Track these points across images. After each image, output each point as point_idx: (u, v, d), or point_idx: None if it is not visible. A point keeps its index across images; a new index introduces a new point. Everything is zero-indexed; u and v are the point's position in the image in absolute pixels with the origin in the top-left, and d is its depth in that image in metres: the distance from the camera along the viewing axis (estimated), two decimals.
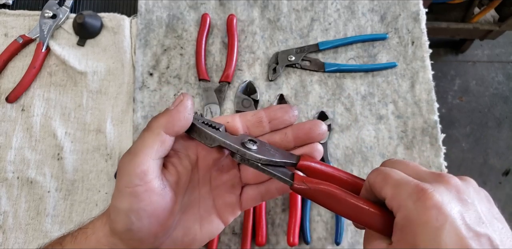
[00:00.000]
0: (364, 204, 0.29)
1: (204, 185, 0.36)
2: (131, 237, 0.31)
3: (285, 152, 0.34)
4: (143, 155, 0.30)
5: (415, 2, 0.65)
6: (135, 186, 0.30)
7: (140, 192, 0.30)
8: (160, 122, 0.31)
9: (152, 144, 0.31)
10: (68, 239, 0.33)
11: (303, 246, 0.55)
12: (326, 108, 0.60)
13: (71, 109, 0.60)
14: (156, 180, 0.31)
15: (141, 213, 0.30)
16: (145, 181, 0.30)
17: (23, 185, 0.57)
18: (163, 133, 0.31)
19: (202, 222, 0.35)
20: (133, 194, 0.30)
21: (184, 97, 0.33)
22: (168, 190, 0.32)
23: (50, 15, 0.62)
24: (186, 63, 0.62)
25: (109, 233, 0.32)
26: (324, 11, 0.65)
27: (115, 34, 0.63)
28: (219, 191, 0.36)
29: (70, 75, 0.61)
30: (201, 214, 0.36)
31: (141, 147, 0.31)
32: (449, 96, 1.67)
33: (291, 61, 0.61)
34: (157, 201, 0.31)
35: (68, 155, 0.58)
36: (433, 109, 0.60)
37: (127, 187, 0.30)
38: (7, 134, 0.59)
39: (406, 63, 0.62)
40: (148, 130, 0.32)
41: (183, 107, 0.32)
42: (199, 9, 0.64)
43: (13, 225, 0.55)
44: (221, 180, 0.36)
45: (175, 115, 0.32)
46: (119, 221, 0.31)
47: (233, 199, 0.36)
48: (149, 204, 0.30)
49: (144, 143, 0.31)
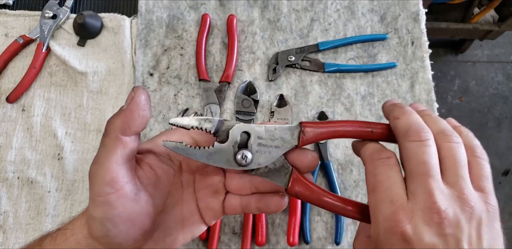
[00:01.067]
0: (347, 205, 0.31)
1: (188, 187, 0.35)
2: (109, 241, 0.31)
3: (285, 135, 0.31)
4: (108, 162, 0.29)
5: (415, 2, 0.65)
6: (106, 194, 0.29)
7: (113, 200, 0.29)
8: (115, 125, 0.30)
9: (113, 149, 0.29)
10: (48, 240, 0.33)
11: (303, 246, 0.55)
12: (326, 108, 0.60)
13: (71, 109, 0.60)
14: (128, 185, 0.30)
15: (116, 220, 0.30)
16: (116, 189, 0.29)
17: (23, 185, 0.57)
18: (120, 136, 0.30)
19: (184, 223, 0.35)
20: (105, 202, 0.29)
21: (136, 92, 0.30)
22: (142, 194, 0.31)
23: (50, 15, 0.62)
24: (186, 63, 0.62)
25: (88, 234, 0.31)
26: (324, 12, 0.65)
27: (115, 34, 0.63)
28: (202, 194, 0.36)
29: (71, 75, 0.61)
30: (184, 215, 0.35)
31: (104, 154, 0.30)
32: (449, 96, 1.67)
33: (291, 61, 0.61)
34: (132, 207, 0.30)
35: (69, 155, 0.58)
36: (432, 109, 0.60)
37: (98, 196, 0.29)
38: (8, 134, 0.59)
39: (406, 63, 0.62)
40: (106, 135, 0.30)
41: (136, 105, 0.30)
42: (199, 9, 0.64)
43: (14, 225, 0.55)
44: (205, 183, 0.35)
45: (129, 115, 0.30)
46: (95, 228, 0.30)
47: (215, 204, 0.35)
48: (123, 210, 0.30)
49: (106, 150, 0.30)
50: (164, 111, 0.60)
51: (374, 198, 0.28)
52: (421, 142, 0.28)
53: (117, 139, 0.29)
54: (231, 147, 0.31)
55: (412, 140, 0.28)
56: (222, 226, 0.55)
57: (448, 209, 0.26)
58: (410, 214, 0.26)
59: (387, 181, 0.28)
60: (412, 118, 0.30)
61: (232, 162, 0.30)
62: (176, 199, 0.35)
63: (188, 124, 0.30)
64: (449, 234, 0.25)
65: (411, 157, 0.28)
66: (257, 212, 0.35)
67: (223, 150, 0.30)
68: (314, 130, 0.31)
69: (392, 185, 0.27)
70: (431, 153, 0.28)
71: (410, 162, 0.28)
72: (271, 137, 0.31)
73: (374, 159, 0.30)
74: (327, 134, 0.32)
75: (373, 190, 0.28)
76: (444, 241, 0.25)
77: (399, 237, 0.25)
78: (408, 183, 0.27)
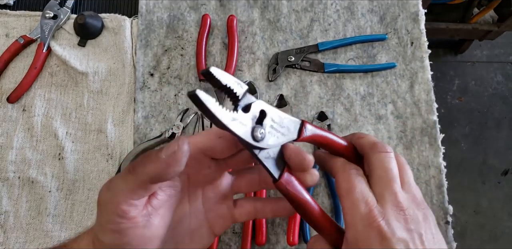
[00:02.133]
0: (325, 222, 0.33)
1: (195, 200, 0.35)
2: None
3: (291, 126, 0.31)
4: (124, 197, 0.29)
5: (414, 3, 0.65)
6: (117, 223, 0.29)
7: (124, 229, 0.29)
8: (147, 170, 0.28)
9: (134, 189, 0.29)
10: None
11: (303, 245, 0.55)
12: (326, 109, 0.61)
13: (72, 109, 0.60)
14: (140, 214, 0.30)
15: (126, 246, 0.30)
16: (127, 219, 0.29)
17: (24, 185, 0.57)
18: (148, 182, 0.29)
19: (192, 236, 0.35)
20: (116, 231, 0.29)
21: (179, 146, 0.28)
22: (153, 218, 0.31)
23: (51, 15, 0.62)
24: (187, 63, 0.62)
25: None
26: (324, 12, 0.65)
27: (116, 34, 0.63)
28: (211, 204, 0.36)
29: (71, 76, 0.61)
30: (192, 228, 0.35)
31: (122, 188, 0.29)
32: (448, 96, 1.68)
33: (291, 62, 0.61)
34: (143, 233, 0.30)
35: (69, 155, 0.58)
36: (432, 109, 0.60)
37: (109, 224, 0.29)
38: (8, 134, 0.59)
39: (405, 63, 0.63)
40: (133, 173, 0.29)
41: (175, 161, 0.28)
42: (199, 9, 0.64)
43: (14, 225, 0.55)
44: (213, 191, 0.35)
45: (164, 168, 0.28)
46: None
47: (224, 210, 0.36)
48: (134, 237, 0.30)
49: (126, 186, 0.29)
50: (164, 111, 0.60)
51: (350, 200, 0.31)
52: (387, 153, 0.34)
53: (143, 183, 0.29)
54: (250, 119, 0.29)
55: (380, 151, 0.34)
56: None
57: (409, 208, 0.31)
58: (383, 211, 0.30)
59: (360, 185, 0.32)
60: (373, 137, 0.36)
61: (248, 135, 0.29)
62: (184, 213, 0.35)
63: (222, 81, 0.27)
64: (413, 229, 0.30)
65: (379, 166, 0.33)
66: (270, 215, 0.37)
67: (245, 119, 0.29)
68: (313, 129, 0.33)
69: (364, 189, 0.32)
70: (395, 164, 0.34)
71: (379, 169, 0.33)
72: (281, 124, 0.31)
73: (346, 169, 0.34)
74: (320, 138, 0.34)
75: (348, 193, 0.32)
76: (411, 236, 0.30)
77: (376, 232, 0.29)
78: (375, 188, 0.32)
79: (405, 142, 0.59)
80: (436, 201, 0.56)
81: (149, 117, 0.60)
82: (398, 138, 0.59)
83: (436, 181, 0.57)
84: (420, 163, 0.58)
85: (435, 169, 0.58)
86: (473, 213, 1.52)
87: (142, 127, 0.59)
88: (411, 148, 0.59)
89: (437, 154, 0.58)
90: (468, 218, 1.51)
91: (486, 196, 1.53)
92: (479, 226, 1.50)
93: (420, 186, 0.57)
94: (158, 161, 0.28)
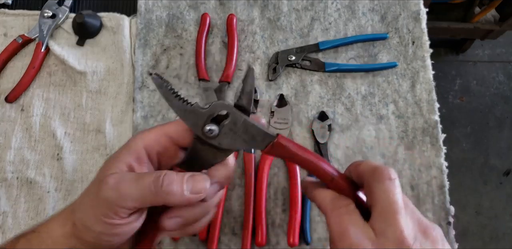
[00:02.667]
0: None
1: None
2: (96, 246, 0.31)
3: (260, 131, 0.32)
4: (132, 203, 0.30)
5: (416, 2, 0.65)
6: (111, 218, 0.30)
7: (117, 223, 0.30)
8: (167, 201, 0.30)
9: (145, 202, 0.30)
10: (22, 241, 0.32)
11: (303, 246, 0.55)
12: (327, 108, 0.60)
13: (70, 109, 0.60)
14: (134, 213, 0.31)
15: (114, 236, 0.30)
16: (122, 217, 0.30)
17: (22, 186, 0.56)
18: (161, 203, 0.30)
19: None
20: (109, 223, 0.30)
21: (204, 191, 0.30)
22: (144, 211, 0.32)
23: (49, 14, 0.61)
24: (186, 63, 0.62)
25: (69, 234, 0.31)
26: (325, 11, 0.64)
27: (114, 33, 0.62)
28: None
29: (70, 75, 0.61)
30: None
31: (131, 195, 0.30)
32: (450, 96, 1.67)
33: (291, 61, 0.61)
34: (134, 227, 0.31)
35: (68, 155, 0.58)
36: (433, 109, 0.60)
37: (103, 217, 0.29)
38: (7, 134, 0.59)
39: (407, 63, 0.62)
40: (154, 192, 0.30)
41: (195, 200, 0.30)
42: (199, 8, 0.64)
43: (13, 226, 0.55)
44: None
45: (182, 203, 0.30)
46: (89, 236, 0.30)
47: None
48: (124, 230, 0.31)
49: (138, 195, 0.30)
50: (163, 111, 0.60)
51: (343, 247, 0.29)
52: (391, 181, 0.30)
53: (156, 202, 0.30)
54: (206, 115, 0.31)
55: (383, 180, 0.30)
56: (222, 226, 0.55)
57: (416, 241, 0.28)
58: None
59: (353, 229, 0.29)
60: (372, 162, 0.33)
61: (199, 129, 0.31)
62: None
63: None
64: None
65: (383, 197, 0.30)
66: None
67: (199, 114, 0.31)
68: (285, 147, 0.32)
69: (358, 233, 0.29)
70: (400, 192, 0.30)
71: (383, 202, 0.30)
72: (244, 130, 0.31)
73: (336, 207, 0.31)
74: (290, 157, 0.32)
75: (341, 239, 0.29)
76: None
77: None
78: (377, 222, 0.29)
79: (407, 142, 0.59)
80: (437, 201, 0.56)
81: (148, 117, 0.59)
82: (399, 138, 0.59)
83: (438, 181, 0.57)
84: (422, 164, 0.57)
85: (437, 170, 0.57)
86: (474, 214, 1.51)
87: (141, 127, 0.59)
88: (413, 148, 0.58)
89: (438, 154, 0.58)
90: (469, 219, 1.50)
91: (487, 196, 1.52)
92: (480, 227, 1.50)
93: (421, 186, 0.57)
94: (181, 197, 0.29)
